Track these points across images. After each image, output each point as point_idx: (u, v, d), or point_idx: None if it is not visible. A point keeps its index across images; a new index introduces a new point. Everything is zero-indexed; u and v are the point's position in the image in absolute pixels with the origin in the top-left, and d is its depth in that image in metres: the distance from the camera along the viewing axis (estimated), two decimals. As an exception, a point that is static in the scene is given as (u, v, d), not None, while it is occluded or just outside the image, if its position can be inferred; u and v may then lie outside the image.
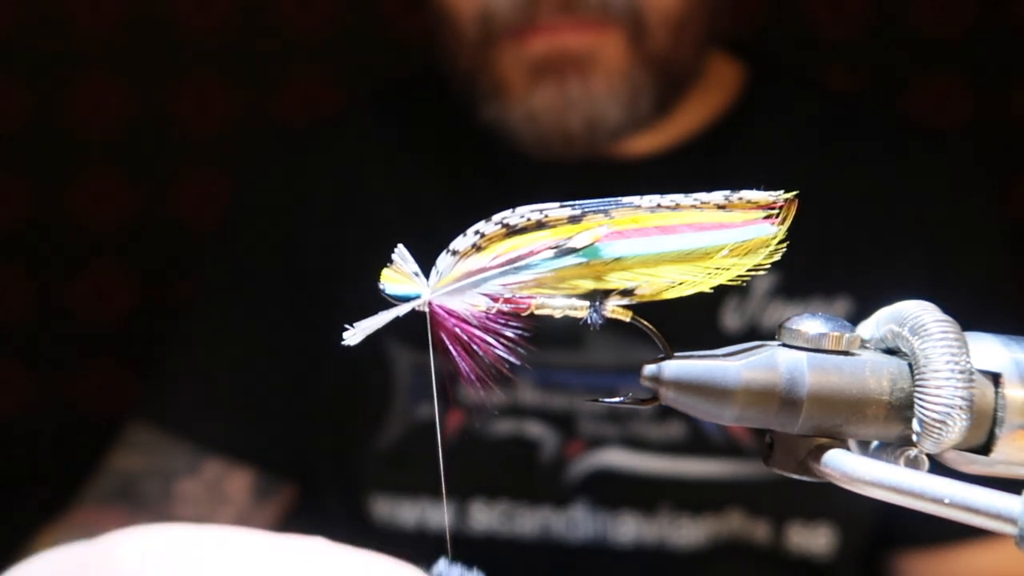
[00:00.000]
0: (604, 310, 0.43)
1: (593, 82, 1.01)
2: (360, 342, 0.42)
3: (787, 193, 0.43)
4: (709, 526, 1.04)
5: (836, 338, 0.42)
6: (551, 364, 1.04)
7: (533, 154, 1.06)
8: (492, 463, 1.06)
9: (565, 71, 1.01)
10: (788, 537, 1.04)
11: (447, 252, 0.42)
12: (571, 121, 1.02)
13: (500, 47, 1.02)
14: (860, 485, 0.41)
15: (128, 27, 1.64)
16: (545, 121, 1.02)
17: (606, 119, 1.02)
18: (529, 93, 1.02)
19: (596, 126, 1.03)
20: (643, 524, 1.05)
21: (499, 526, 1.06)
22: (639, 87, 1.02)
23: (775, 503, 1.04)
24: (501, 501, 1.06)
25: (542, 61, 1.01)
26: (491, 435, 1.06)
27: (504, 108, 1.04)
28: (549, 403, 1.05)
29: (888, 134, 1.13)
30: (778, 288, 1.04)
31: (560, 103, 1.01)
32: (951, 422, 0.41)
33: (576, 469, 1.05)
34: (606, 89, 1.02)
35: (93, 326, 1.68)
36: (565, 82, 1.01)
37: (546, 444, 1.06)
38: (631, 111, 1.03)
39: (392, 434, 1.08)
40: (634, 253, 0.42)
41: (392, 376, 1.07)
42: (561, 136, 1.03)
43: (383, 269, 0.42)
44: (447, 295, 0.42)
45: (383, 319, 0.42)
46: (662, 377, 0.42)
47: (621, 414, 1.04)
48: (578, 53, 1.01)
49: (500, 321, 0.42)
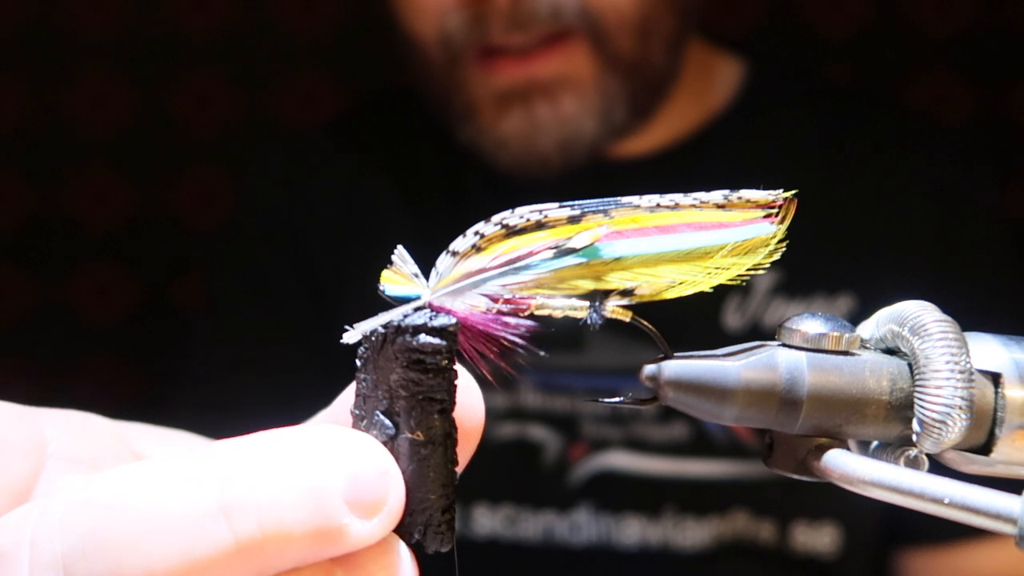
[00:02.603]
0: (604, 310, 0.43)
1: (563, 103, 1.01)
2: None
3: (787, 192, 0.43)
4: (714, 527, 1.04)
5: (836, 338, 0.42)
6: (553, 367, 1.04)
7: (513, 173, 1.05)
8: (495, 466, 1.06)
9: (532, 98, 1.01)
10: (793, 537, 1.04)
11: (447, 253, 0.42)
12: (542, 144, 1.02)
13: (466, 71, 1.02)
14: (860, 485, 0.41)
15: (128, 27, 1.64)
16: (516, 147, 1.03)
17: (580, 136, 1.03)
18: (498, 120, 1.02)
19: (570, 144, 1.03)
20: (647, 526, 1.04)
21: (502, 530, 1.06)
22: (611, 96, 1.02)
23: (780, 503, 1.04)
24: (504, 505, 1.06)
25: (508, 91, 1.01)
26: (494, 438, 1.06)
27: (476, 132, 1.04)
28: (551, 406, 1.05)
29: (890, 130, 1.13)
30: (780, 286, 1.04)
31: (529, 129, 1.02)
32: (951, 422, 0.41)
33: (579, 472, 1.05)
34: (577, 106, 1.02)
35: (93, 326, 1.68)
36: (533, 109, 1.01)
37: (549, 447, 1.05)
38: (605, 122, 1.03)
39: None
40: (634, 253, 0.42)
41: None
42: (535, 159, 1.03)
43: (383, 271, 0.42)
44: (447, 296, 0.42)
45: (383, 319, 0.42)
46: (662, 377, 0.42)
47: (624, 416, 1.04)
48: (545, 80, 1.01)
49: (500, 321, 0.42)
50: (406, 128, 1.17)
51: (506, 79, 1.01)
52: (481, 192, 1.10)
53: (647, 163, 1.08)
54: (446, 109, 1.06)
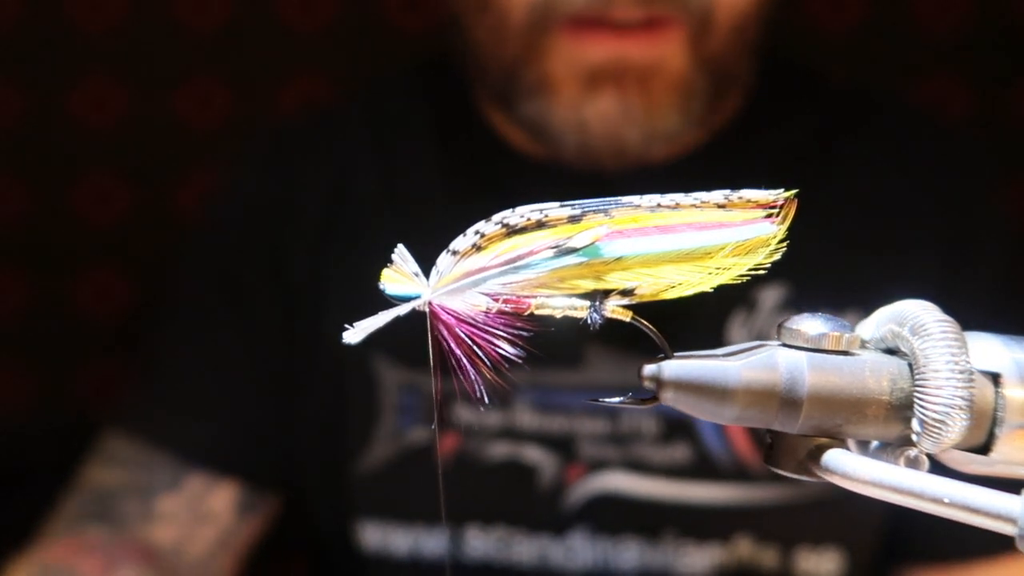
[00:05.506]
0: (604, 310, 0.43)
1: (654, 93, 0.96)
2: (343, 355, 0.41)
3: (787, 192, 0.43)
4: (716, 553, 1.01)
5: (836, 338, 0.43)
6: (549, 385, 1.01)
7: (573, 159, 0.99)
8: (488, 488, 1.02)
9: (625, 82, 0.95)
10: (796, 563, 1.01)
11: (447, 252, 0.42)
12: (628, 133, 0.96)
13: (552, 40, 0.95)
14: (860, 485, 0.41)
15: (128, 27, 1.64)
16: (598, 131, 0.97)
17: (664, 129, 0.98)
18: (583, 99, 0.96)
19: (654, 137, 0.98)
20: (646, 551, 1.01)
21: (495, 553, 1.02)
22: (695, 91, 0.98)
23: (784, 528, 1.01)
24: (497, 527, 1.02)
25: (600, 69, 0.95)
26: (487, 458, 1.02)
27: (548, 108, 0.98)
28: (548, 426, 1.01)
29: (898, 138, 1.09)
30: (787, 302, 1.01)
31: (618, 115, 0.96)
32: (951, 422, 0.41)
33: (576, 494, 1.01)
34: (666, 99, 0.97)
35: (93, 326, 1.67)
36: (626, 93, 0.95)
37: (545, 468, 1.02)
38: (687, 117, 0.98)
39: (379, 455, 1.04)
40: (634, 253, 0.42)
41: (378, 394, 1.03)
42: (614, 147, 0.97)
43: (381, 270, 0.42)
44: (447, 295, 0.42)
45: (384, 318, 0.42)
46: (662, 377, 0.42)
47: (624, 436, 1.00)
48: (640, 64, 0.95)
49: (501, 321, 0.42)
50: (405, 117, 1.11)
51: (599, 54, 0.94)
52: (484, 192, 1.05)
53: (662, 170, 1.02)
54: (511, 81, 0.99)
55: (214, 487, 1.05)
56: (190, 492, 1.04)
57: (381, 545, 1.04)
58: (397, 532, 1.03)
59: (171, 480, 1.04)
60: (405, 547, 1.03)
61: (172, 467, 1.04)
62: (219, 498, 1.05)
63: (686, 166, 1.03)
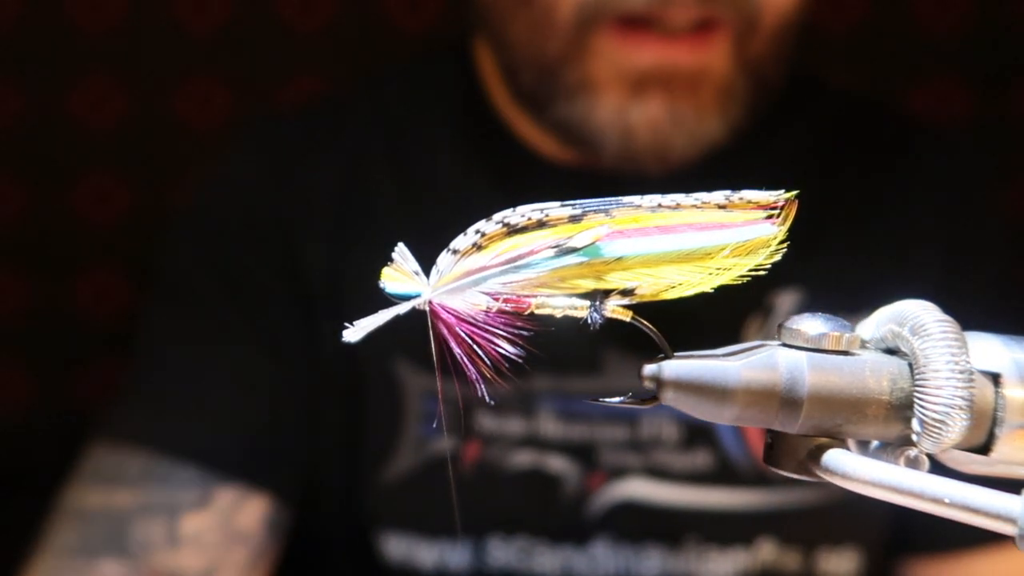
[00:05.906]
0: (604, 309, 0.43)
1: (702, 99, 0.94)
2: (365, 360, 0.41)
3: (787, 193, 0.43)
4: (739, 558, 1.00)
5: (836, 338, 0.43)
6: (570, 392, 0.99)
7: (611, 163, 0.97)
8: (511, 497, 1.00)
9: (674, 87, 0.93)
10: (818, 564, 1.01)
11: (448, 251, 0.42)
12: (675, 140, 0.94)
13: (600, 41, 0.93)
14: (860, 485, 0.41)
15: (128, 27, 1.64)
16: (644, 136, 0.94)
17: (709, 135, 0.96)
18: (629, 103, 0.94)
19: (698, 144, 0.96)
20: (669, 558, 1.00)
21: (517, 563, 1.00)
22: (738, 97, 0.96)
23: (806, 530, 1.00)
24: (519, 537, 1.00)
25: (648, 74, 0.93)
26: (510, 467, 1.00)
27: (590, 110, 0.95)
28: (569, 434, 1.00)
29: (904, 145, 1.09)
30: (802, 308, 1.00)
31: (666, 121, 0.94)
32: (951, 422, 0.41)
33: (598, 502, 1.00)
34: (711, 103, 0.95)
35: (93, 326, 1.67)
36: (675, 99, 0.93)
37: (567, 477, 1.00)
38: (728, 121, 0.97)
39: (403, 464, 1.01)
40: (635, 253, 0.42)
41: (401, 400, 1.00)
42: (658, 153, 0.95)
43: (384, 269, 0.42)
44: (448, 294, 0.42)
45: (384, 317, 0.42)
46: (662, 377, 0.42)
47: (644, 443, 0.99)
48: (688, 70, 0.93)
49: (501, 320, 0.42)
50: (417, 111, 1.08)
51: (647, 59, 0.92)
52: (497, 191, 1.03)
53: (675, 177, 0.98)
54: (549, 81, 0.96)
55: (244, 502, 0.97)
56: (219, 509, 0.96)
57: (405, 556, 1.01)
58: (421, 543, 1.01)
59: (198, 497, 0.95)
60: (430, 559, 1.01)
61: (198, 482, 0.96)
62: (249, 514, 0.97)
63: (701, 170, 1.00)
